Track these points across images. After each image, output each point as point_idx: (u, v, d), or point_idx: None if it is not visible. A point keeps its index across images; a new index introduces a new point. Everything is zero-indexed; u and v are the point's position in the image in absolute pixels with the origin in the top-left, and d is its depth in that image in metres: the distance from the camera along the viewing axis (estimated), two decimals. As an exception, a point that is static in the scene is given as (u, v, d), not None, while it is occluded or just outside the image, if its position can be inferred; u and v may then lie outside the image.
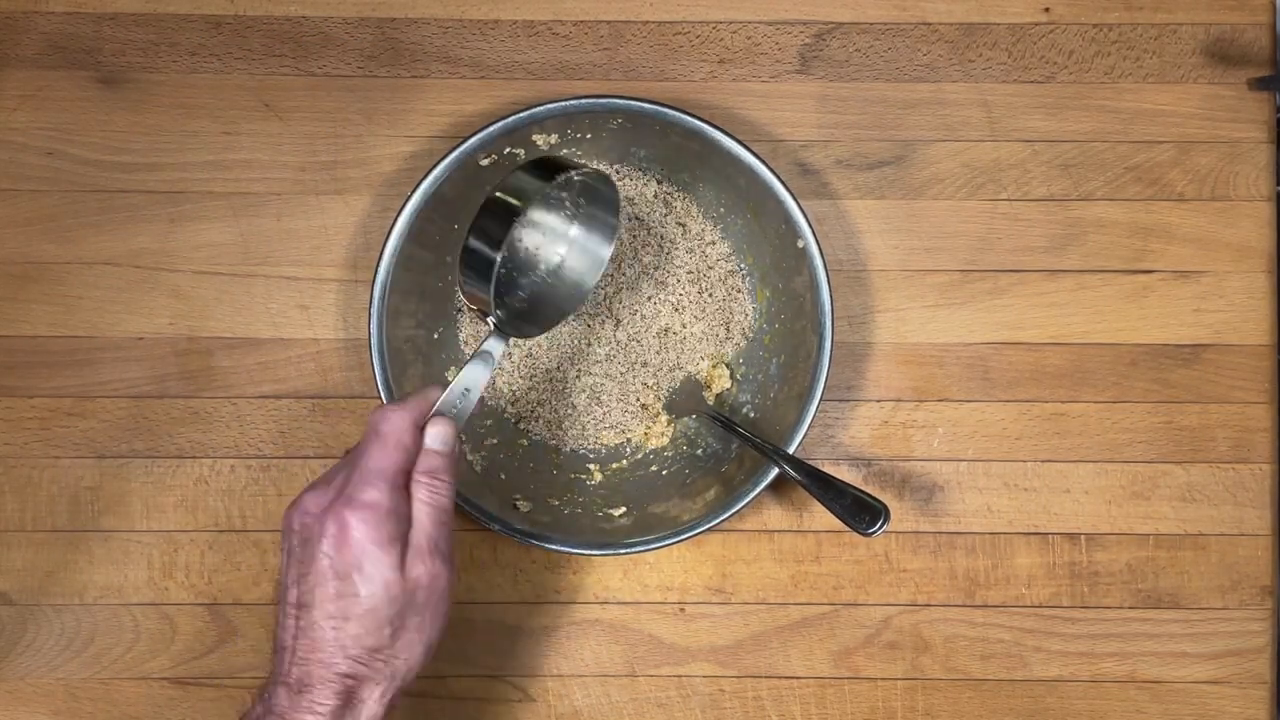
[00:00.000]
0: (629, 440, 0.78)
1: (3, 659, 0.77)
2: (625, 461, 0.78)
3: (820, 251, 0.71)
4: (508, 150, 0.73)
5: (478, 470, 0.75)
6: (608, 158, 0.76)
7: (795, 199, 0.71)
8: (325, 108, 0.78)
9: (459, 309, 0.77)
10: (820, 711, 0.78)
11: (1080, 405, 0.78)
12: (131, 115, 0.78)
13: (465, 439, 0.75)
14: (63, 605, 0.77)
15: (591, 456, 0.78)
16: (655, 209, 0.77)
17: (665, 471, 0.77)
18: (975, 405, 0.78)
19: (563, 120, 0.72)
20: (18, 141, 0.78)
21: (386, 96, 0.78)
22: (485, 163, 0.73)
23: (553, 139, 0.74)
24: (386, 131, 0.78)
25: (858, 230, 0.79)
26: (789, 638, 0.78)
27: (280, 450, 0.78)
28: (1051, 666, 0.78)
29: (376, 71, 0.79)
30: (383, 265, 0.71)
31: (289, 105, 0.78)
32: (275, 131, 0.78)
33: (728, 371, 0.77)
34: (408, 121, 0.78)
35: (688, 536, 0.71)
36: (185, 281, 0.78)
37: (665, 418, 0.78)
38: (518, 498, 0.74)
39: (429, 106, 0.78)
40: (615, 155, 0.76)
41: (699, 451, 0.77)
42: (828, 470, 0.73)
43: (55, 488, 0.77)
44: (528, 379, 0.77)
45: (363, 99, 0.78)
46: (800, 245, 0.72)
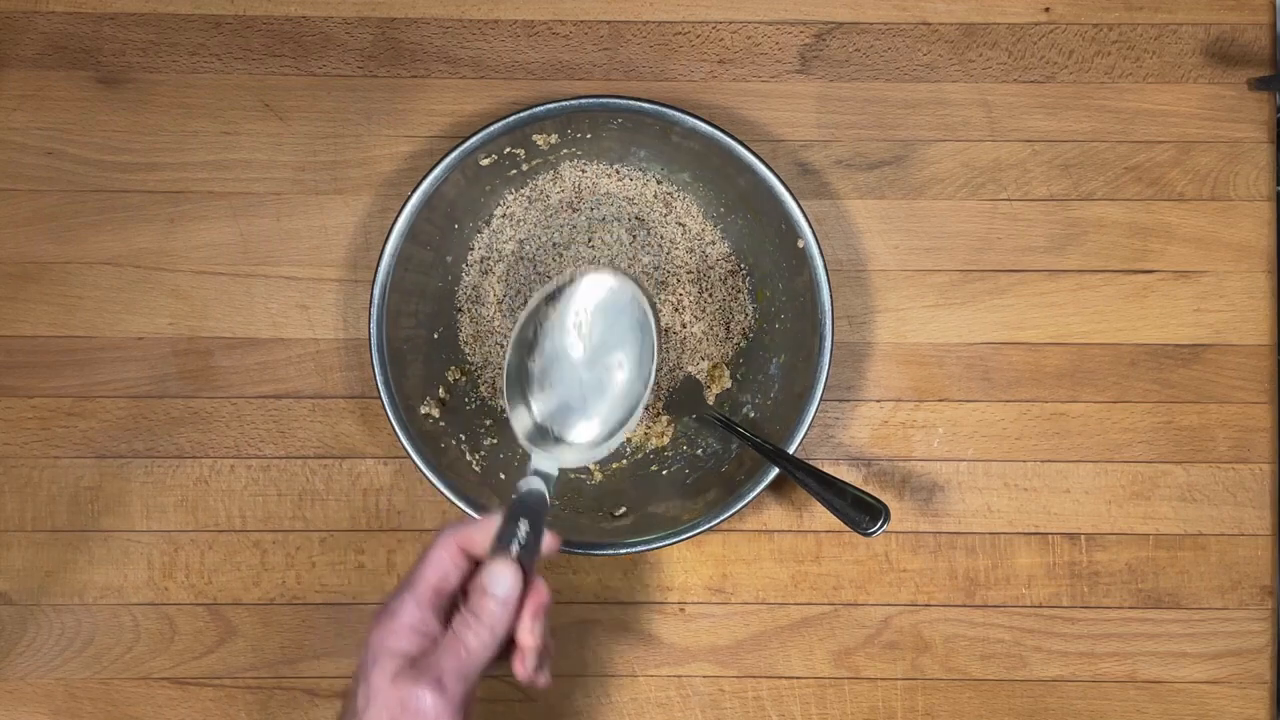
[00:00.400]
0: (629, 440, 0.78)
1: (3, 659, 0.77)
2: (625, 461, 0.78)
3: (820, 251, 0.71)
4: (508, 150, 0.73)
5: (477, 470, 0.75)
6: (608, 158, 0.76)
7: (795, 199, 0.71)
8: (325, 108, 0.78)
9: (459, 309, 0.77)
10: (820, 711, 0.78)
11: (1080, 405, 0.78)
12: (131, 115, 0.78)
13: (465, 439, 0.75)
14: (63, 605, 0.77)
15: (591, 456, 0.78)
16: (655, 209, 0.77)
17: (665, 471, 0.77)
18: (975, 405, 0.78)
19: (563, 120, 0.72)
20: (17, 141, 0.78)
21: (386, 96, 0.78)
22: (485, 163, 0.73)
23: (553, 139, 0.74)
24: (386, 131, 0.78)
25: (858, 230, 0.79)
26: (789, 638, 0.78)
27: (280, 450, 0.78)
28: (1051, 666, 0.78)
29: (376, 71, 0.79)
30: (383, 265, 0.71)
31: (289, 105, 0.78)
32: (275, 131, 0.78)
33: (728, 371, 0.77)
34: (408, 121, 0.78)
35: (688, 536, 0.71)
36: (185, 281, 0.78)
37: (665, 418, 0.78)
38: (518, 498, 0.74)
39: (429, 106, 0.78)
40: (615, 155, 0.76)
41: (699, 451, 0.77)
42: (828, 470, 0.73)
43: (55, 488, 0.77)
44: (528, 379, 0.77)
45: (363, 99, 0.78)
46: (800, 245, 0.72)
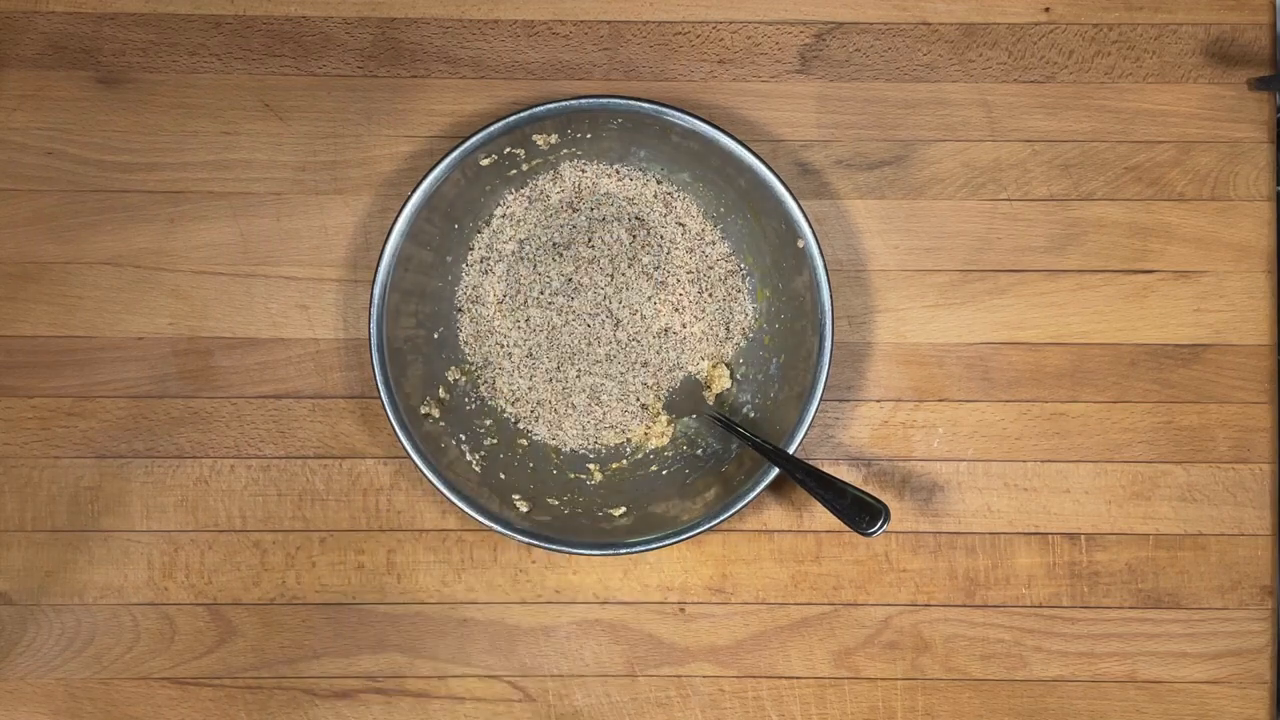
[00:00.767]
0: (629, 440, 0.78)
1: (3, 659, 0.77)
2: (625, 461, 0.78)
3: (820, 251, 0.71)
4: (508, 150, 0.73)
5: (477, 470, 0.75)
6: (608, 158, 0.76)
7: (795, 199, 0.71)
8: (325, 108, 0.78)
9: (459, 309, 0.77)
10: (820, 711, 0.78)
11: (1080, 405, 0.78)
12: (131, 115, 0.78)
13: (465, 439, 0.75)
14: (63, 605, 0.77)
15: (591, 456, 0.78)
16: (655, 209, 0.77)
17: (665, 471, 0.77)
18: (975, 405, 0.78)
19: (563, 120, 0.72)
20: (17, 141, 0.78)
21: (386, 96, 0.78)
22: (485, 163, 0.73)
23: (553, 139, 0.74)
24: (386, 131, 0.78)
25: (858, 230, 0.79)
26: (789, 638, 0.78)
27: (280, 450, 0.78)
28: (1051, 666, 0.78)
29: (376, 71, 0.79)
30: (383, 265, 0.71)
31: (289, 105, 0.78)
32: (275, 131, 0.78)
33: (728, 371, 0.77)
34: (408, 121, 0.78)
35: (688, 536, 0.71)
36: (185, 281, 0.78)
37: (665, 418, 0.78)
38: (517, 498, 0.74)
39: (429, 106, 0.78)
40: (615, 155, 0.76)
41: (699, 451, 0.77)
42: (828, 470, 0.73)
43: (55, 488, 0.77)
44: (528, 379, 0.77)
45: (363, 99, 0.78)
46: (800, 245, 0.72)
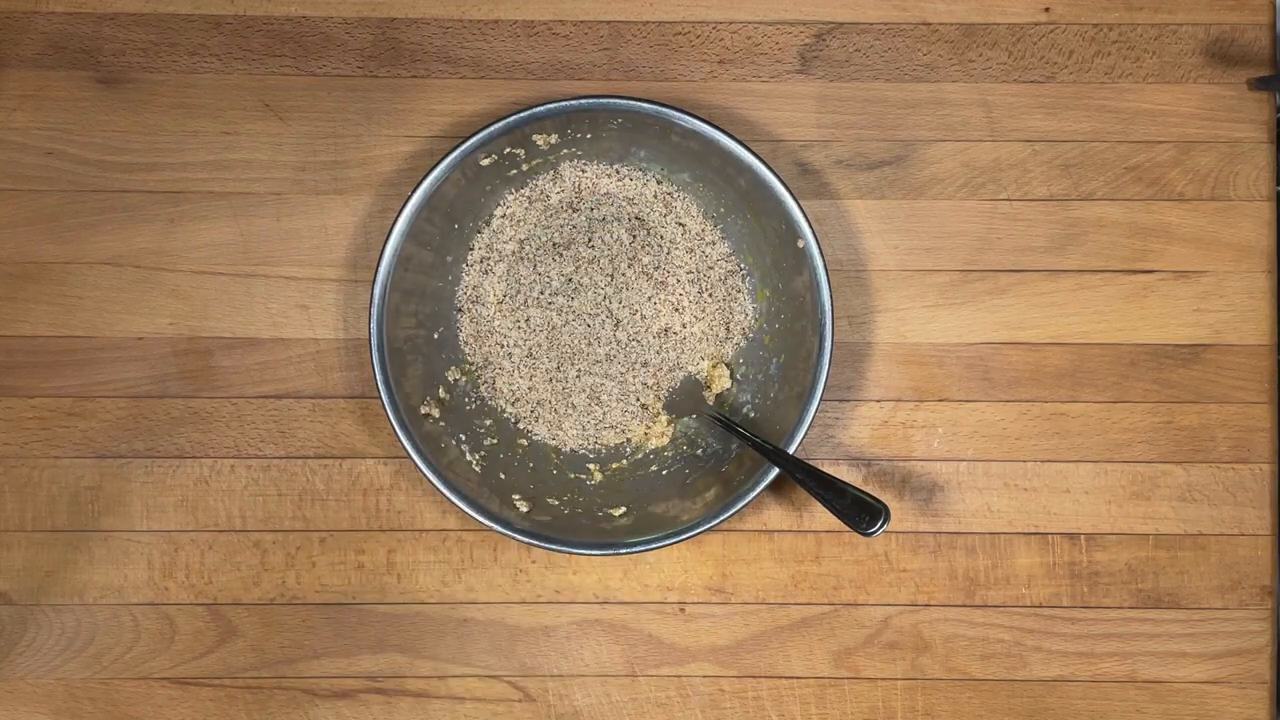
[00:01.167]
0: (629, 440, 0.78)
1: (3, 659, 0.77)
2: (625, 461, 0.78)
3: (820, 251, 0.71)
4: (508, 150, 0.73)
5: (477, 470, 0.75)
6: (608, 158, 0.76)
7: (795, 199, 0.71)
8: (325, 108, 0.78)
9: (459, 309, 0.77)
10: (820, 711, 0.78)
11: (1080, 405, 0.78)
12: (131, 115, 0.78)
13: (465, 439, 0.75)
14: (63, 605, 0.77)
15: (591, 456, 0.78)
16: (655, 209, 0.77)
17: (665, 471, 0.77)
18: (975, 405, 0.78)
19: (563, 120, 0.72)
20: (18, 141, 0.78)
21: (386, 96, 0.78)
22: (485, 163, 0.73)
23: (553, 139, 0.74)
24: (386, 131, 0.78)
25: (858, 230, 0.79)
26: (789, 638, 0.78)
27: (280, 450, 0.78)
28: (1051, 666, 0.78)
29: (376, 71, 0.79)
30: (383, 265, 0.71)
31: (289, 105, 0.78)
32: (275, 131, 0.78)
33: (728, 371, 0.77)
34: (408, 121, 0.78)
35: (688, 536, 0.71)
36: (185, 281, 0.78)
37: (665, 418, 0.78)
38: (517, 498, 0.74)
39: (429, 106, 0.78)
40: (615, 155, 0.76)
41: (699, 451, 0.77)
42: (828, 470, 0.73)
43: (55, 488, 0.77)
44: (528, 379, 0.77)
45: (363, 99, 0.78)
46: (800, 245, 0.72)
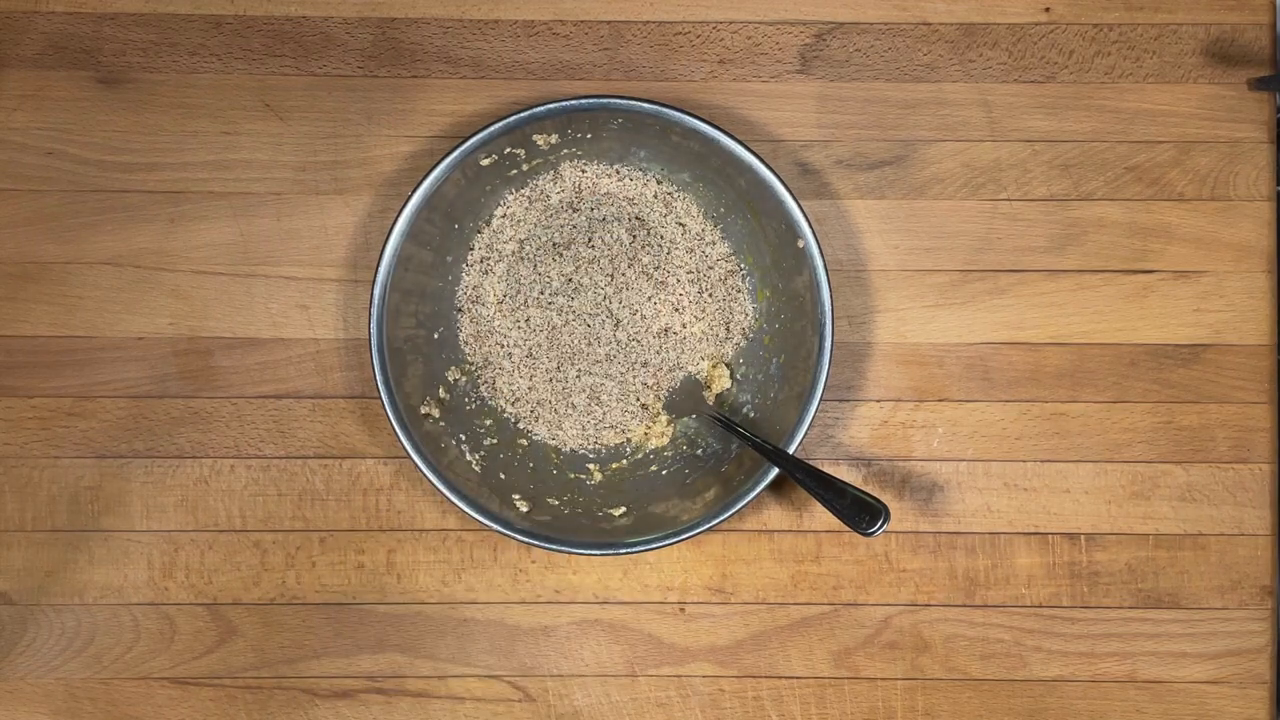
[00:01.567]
0: (629, 440, 0.78)
1: (3, 659, 0.77)
2: (625, 461, 0.78)
3: (820, 251, 0.71)
4: (508, 150, 0.73)
5: (477, 470, 0.75)
6: (608, 158, 0.76)
7: (795, 199, 0.71)
8: (325, 108, 0.78)
9: (459, 309, 0.77)
10: (820, 711, 0.78)
11: (1080, 405, 0.78)
12: (131, 115, 0.78)
13: (465, 439, 0.75)
14: (63, 605, 0.77)
15: (591, 456, 0.78)
16: (655, 209, 0.77)
17: (665, 471, 0.77)
18: (975, 405, 0.78)
19: (563, 120, 0.72)
20: (18, 141, 0.78)
21: (386, 96, 0.78)
22: (485, 163, 0.73)
23: (553, 139, 0.74)
24: (386, 131, 0.78)
25: (858, 230, 0.79)
26: (789, 638, 0.78)
27: (280, 450, 0.78)
28: (1051, 666, 0.78)
29: (377, 71, 0.79)
30: (383, 265, 0.71)
31: (289, 105, 0.78)
32: (275, 131, 0.78)
33: (728, 371, 0.77)
34: (408, 121, 0.78)
35: (688, 536, 0.71)
36: (185, 281, 0.78)
37: (665, 418, 0.78)
38: (517, 498, 0.74)
39: (429, 106, 0.78)
40: (615, 155, 0.76)
41: (699, 451, 0.77)
42: (828, 470, 0.73)
43: (55, 488, 0.77)
44: (528, 379, 0.77)
45: (363, 99, 0.78)
46: (800, 245, 0.72)
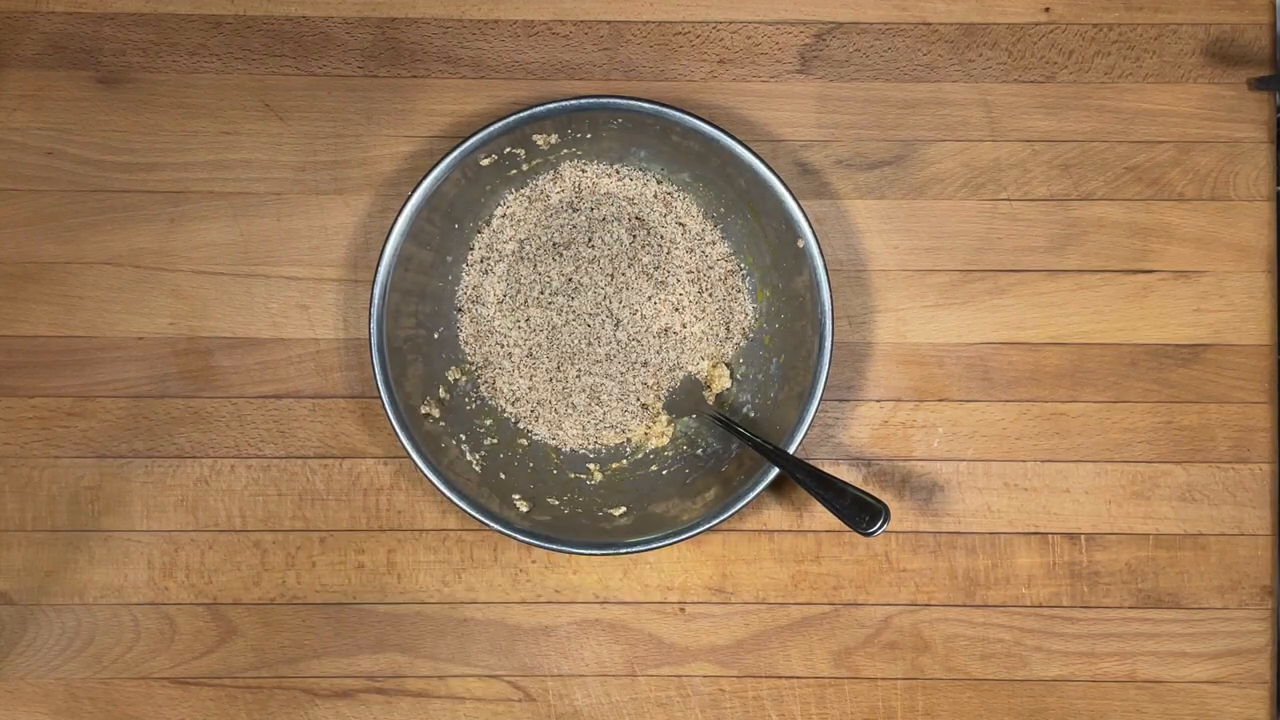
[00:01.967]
0: (629, 440, 0.78)
1: (3, 659, 0.77)
2: (625, 461, 0.78)
3: (820, 251, 0.71)
4: (508, 150, 0.73)
5: (478, 470, 0.75)
6: (608, 158, 0.76)
7: (795, 199, 0.71)
8: (325, 108, 0.78)
9: (459, 309, 0.77)
10: (820, 711, 0.78)
11: (1080, 405, 0.78)
12: (131, 115, 0.78)
13: (465, 439, 0.75)
14: (63, 605, 0.77)
15: (591, 456, 0.78)
16: (655, 209, 0.77)
17: (665, 471, 0.77)
18: (975, 405, 0.78)
19: (563, 120, 0.72)
20: (18, 141, 0.78)
21: (386, 96, 0.78)
22: (485, 163, 0.73)
23: (553, 139, 0.74)
24: (386, 131, 0.78)
25: (858, 230, 0.79)
26: (789, 638, 0.78)
27: (280, 450, 0.78)
28: (1051, 666, 0.78)
29: (377, 71, 0.79)
30: (383, 265, 0.71)
31: (289, 105, 0.78)
32: (275, 131, 0.78)
33: (728, 371, 0.77)
34: (408, 121, 0.78)
35: (688, 536, 0.71)
36: (185, 281, 0.78)
37: (665, 418, 0.78)
38: (517, 498, 0.74)
39: (429, 106, 0.78)
40: (615, 155, 0.76)
41: (699, 451, 0.77)
42: (828, 470, 0.73)
43: (55, 488, 0.77)
44: (528, 379, 0.77)
45: (363, 99, 0.78)
46: (800, 245, 0.72)
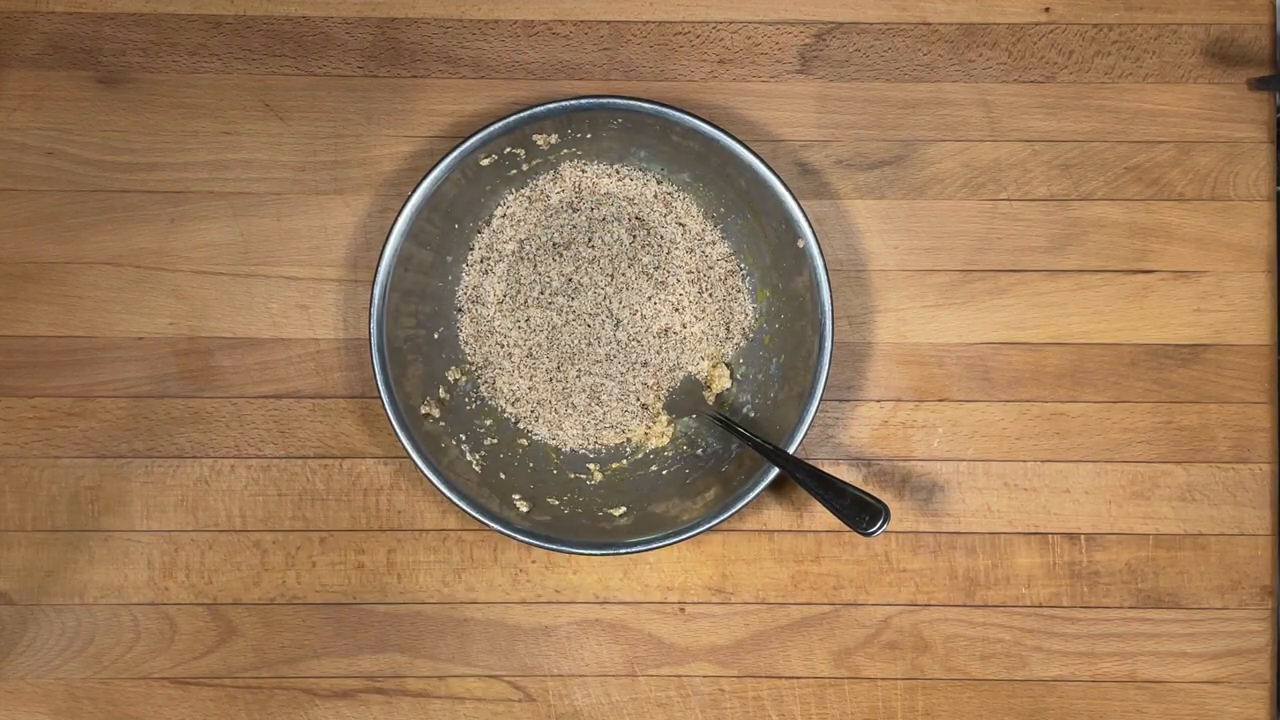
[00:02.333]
0: (629, 440, 0.78)
1: (3, 659, 0.77)
2: (625, 461, 0.78)
3: (820, 251, 0.71)
4: (508, 150, 0.73)
5: (477, 470, 0.75)
6: (607, 158, 0.76)
7: (795, 199, 0.71)
8: (325, 108, 0.78)
9: (459, 309, 0.77)
10: (820, 711, 0.78)
11: (1080, 405, 0.78)
12: (131, 115, 0.78)
13: (465, 439, 0.75)
14: (63, 605, 0.77)
15: (591, 456, 0.78)
16: (655, 209, 0.77)
17: (665, 471, 0.77)
18: (975, 405, 0.78)
19: (563, 120, 0.72)
20: (18, 141, 0.78)
21: (386, 96, 0.78)
22: (485, 163, 0.73)
23: (553, 139, 0.74)
24: (386, 131, 0.78)
25: (858, 230, 0.79)
26: (789, 638, 0.78)
27: (280, 450, 0.78)
28: (1051, 666, 0.78)
29: (376, 71, 0.79)
30: (383, 265, 0.71)
31: (289, 105, 0.78)
32: (275, 131, 0.78)
33: (728, 371, 0.77)
34: (408, 121, 0.78)
35: (688, 536, 0.71)
36: (185, 281, 0.78)
37: (665, 418, 0.78)
38: (517, 498, 0.74)
39: (429, 106, 0.78)
40: (615, 155, 0.76)
41: (699, 451, 0.77)
42: (828, 470, 0.73)
43: (55, 488, 0.77)
44: (528, 379, 0.77)
45: (363, 99, 0.78)
46: (800, 245, 0.72)
